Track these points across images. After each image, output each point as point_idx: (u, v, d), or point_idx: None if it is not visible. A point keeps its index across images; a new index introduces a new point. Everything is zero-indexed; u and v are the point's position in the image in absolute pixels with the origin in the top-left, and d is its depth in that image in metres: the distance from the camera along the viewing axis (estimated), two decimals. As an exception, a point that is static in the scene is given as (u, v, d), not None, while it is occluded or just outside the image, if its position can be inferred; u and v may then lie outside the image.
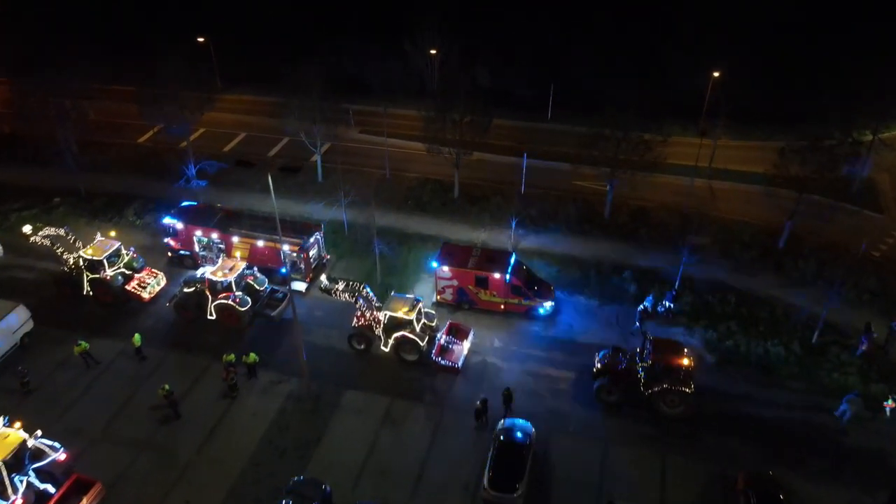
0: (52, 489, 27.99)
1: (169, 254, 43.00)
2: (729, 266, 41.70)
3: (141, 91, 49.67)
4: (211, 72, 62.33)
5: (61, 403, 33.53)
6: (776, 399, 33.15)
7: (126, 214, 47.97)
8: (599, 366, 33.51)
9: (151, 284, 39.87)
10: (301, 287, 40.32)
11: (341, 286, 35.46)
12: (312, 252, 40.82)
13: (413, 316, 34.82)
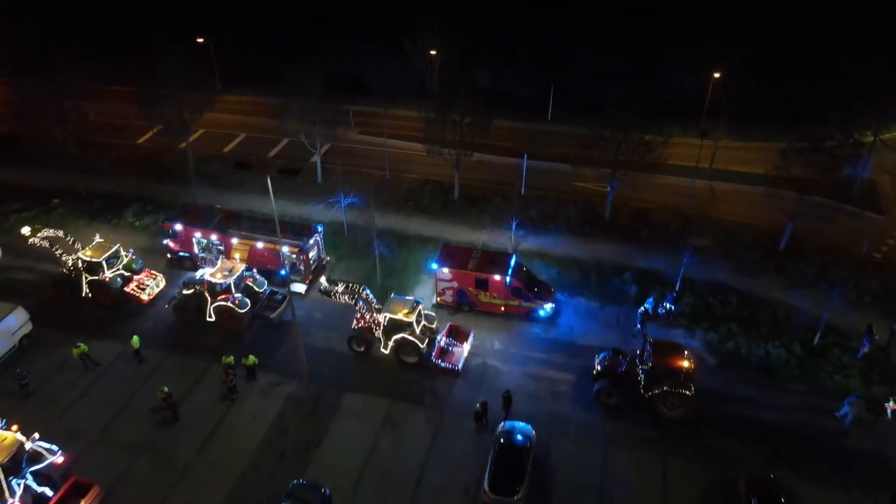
0: (50, 492, 27.90)
1: (168, 255, 42.87)
2: (730, 267, 41.57)
3: (140, 92, 49.58)
4: (210, 72, 62.25)
5: (60, 406, 33.43)
6: (777, 401, 33.01)
7: (125, 216, 47.86)
8: (599, 368, 33.38)
9: (150, 286, 39.77)
10: (301, 289, 40.20)
11: (341, 288, 35.35)
12: (312, 254, 40.71)
13: (413, 318, 34.70)
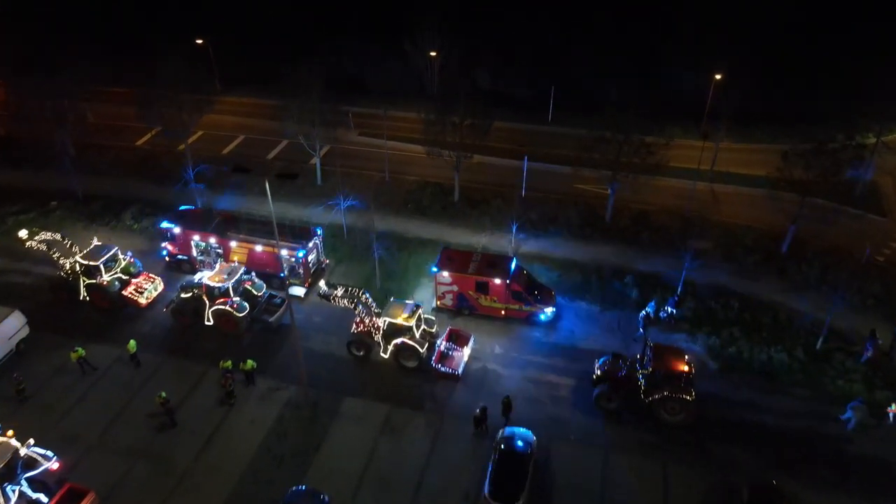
0: (45, 498, 27.64)
1: (167, 258, 42.62)
2: (731, 270, 41.33)
3: (139, 93, 49.32)
4: (210, 73, 61.98)
5: (57, 410, 33.21)
6: (780, 406, 32.78)
7: (124, 218, 47.62)
8: (599, 373, 33.15)
9: (149, 289, 39.53)
10: (300, 292, 39.96)
11: (340, 292, 35.10)
12: (311, 257, 40.46)
13: (412, 322, 34.46)
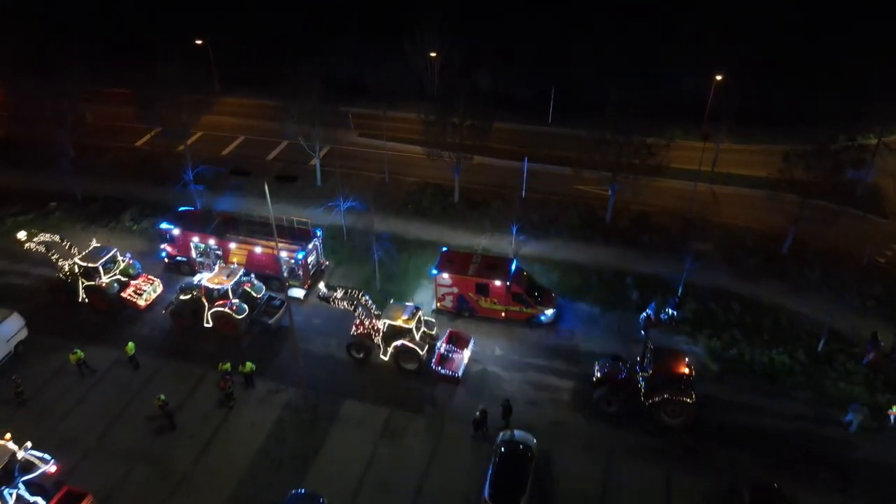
0: (43, 502, 27.64)
1: (166, 260, 42.46)
2: (732, 272, 41.18)
3: (139, 93, 49.13)
4: (209, 74, 61.78)
5: (56, 413, 33.07)
6: (781, 409, 32.64)
7: (123, 219, 47.49)
8: (599, 375, 33.02)
9: (148, 291, 39.38)
10: (299, 294, 39.82)
11: (339, 294, 34.98)
12: (311, 258, 40.31)
13: (412, 324, 34.31)
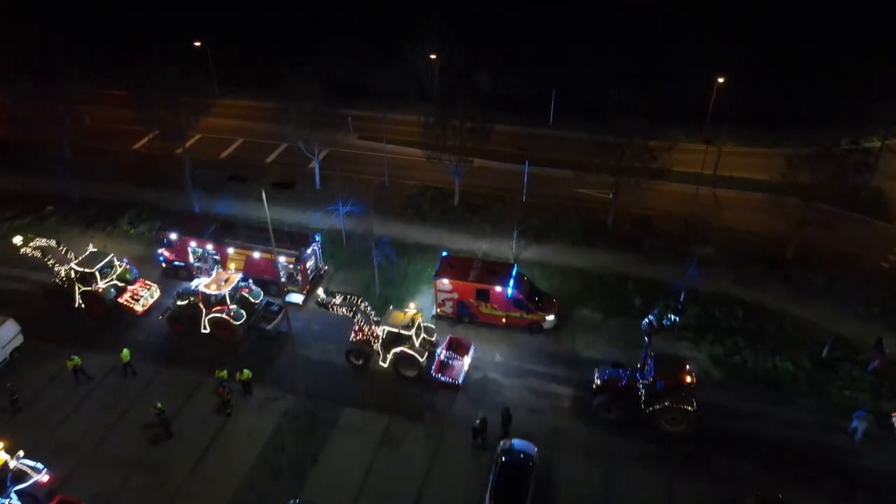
0: (37, 512, 27.22)
1: (163, 265, 42.07)
2: (735, 277, 40.75)
3: (137, 95, 48.78)
4: (208, 76, 61.37)
5: (51, 421, 32.73)
6: (785, 417, 32.27)
7: (120, 223, 47.10)
8: (599, 382, 32.66)
9: (145, 297, 39.03)
10: (298, 299, 39.45)
11: (339, 300, 34.63)
12: (310, 263, 39.92)
13: (412, 331, 33.92)
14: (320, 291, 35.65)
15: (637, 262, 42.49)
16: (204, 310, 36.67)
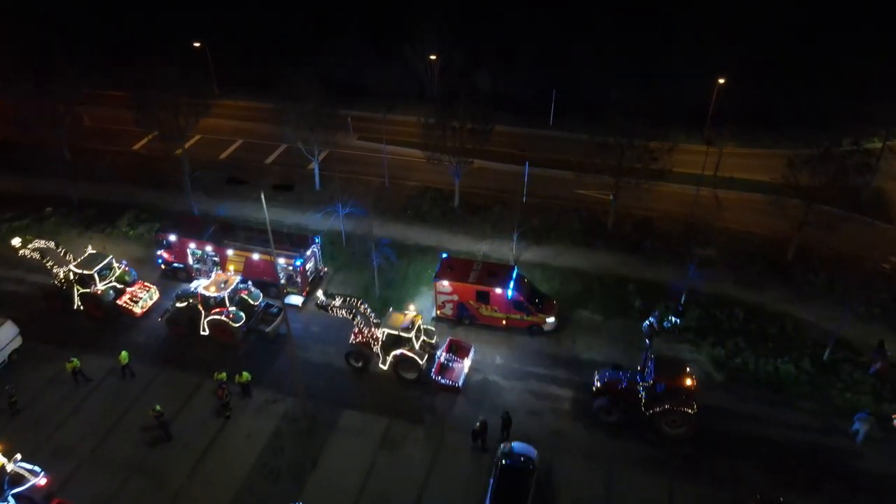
0: (34, 516, 27.11)
1: (162, 266, 41.95)
2: (736, 279, 40.59)
3: (136, 96, 48.66)
4: (208, 76, 61.21)
5: (50, 424, 32.58)
6: (787, 419, 32.15)
7: (119, 225, 46.95)
8: (599, 385, 32.55)
9: (144, 298, 38.89)
10: (298, 301, 39.32)
11: (338, 302, 34.52)
12: (309, 265, 39.79)
13: (412, 333, 33.80)
14: (320, 293, 35.56)
15: (637, 264, 42.37)
16: (203, 312, 36.56)
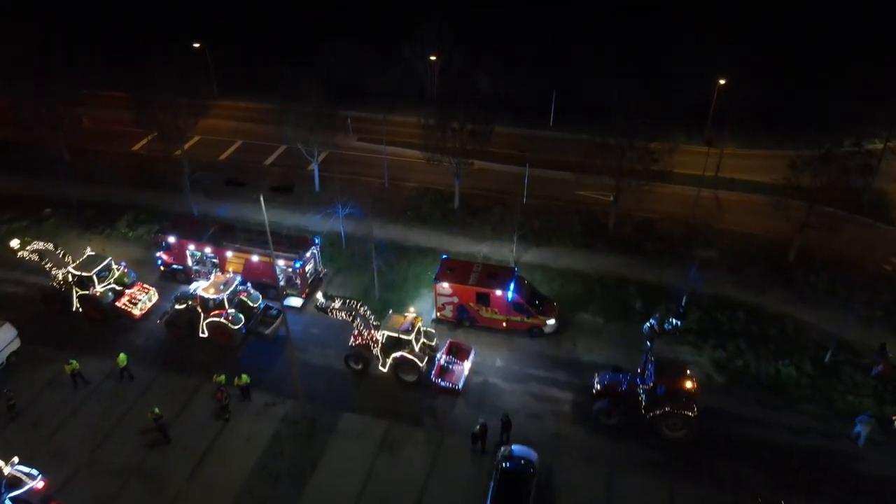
0: (32, 519, 26.97)
1: (161, 268, 41.81)
2: (737, 280, 40.48)
3: (136, 96, 48.51)
4: (207, 77, 61.05)
5: (48, 426, 32.45)
6: (788, 422, 32.01)
7: (119, 226, 46.82)
8: (599, 387, 32.40)
9: (143, 300, 38.75)
10: (297, 303, 39.18)
11: (337, 304, 34.39)
12: (309, 266, 39.65)
13: (412, 335, 33.65)
14: (319, 295, 35.42)
15: (638, 266, 42.24)
16: (202, 314, 36.42)
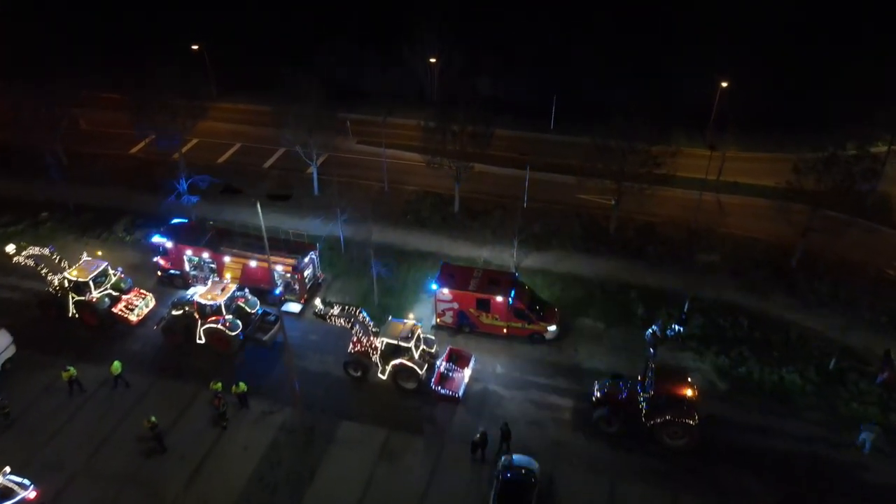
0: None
1: (158, 273, 41.43)
2: (740, 286, 40.10)
3: (134, 97, 48.09)
4: (206, 79, 60.63)
5: (43, 434, 32.07)
6: (792, 430, 31.65)
7: (115, 230, 46.44)
8: (599, 395, 32.04)
9: (140, 306, 38.36)
10: (296, 309, 38.80)
11: (336, 311, 34.01)
12: (307, 272, 39.27)
13: (411, 342, 33.26)
14: (318, 301, 35.03)
15: (640, 270, 41.86)
16: (199, 320, 36.04)
